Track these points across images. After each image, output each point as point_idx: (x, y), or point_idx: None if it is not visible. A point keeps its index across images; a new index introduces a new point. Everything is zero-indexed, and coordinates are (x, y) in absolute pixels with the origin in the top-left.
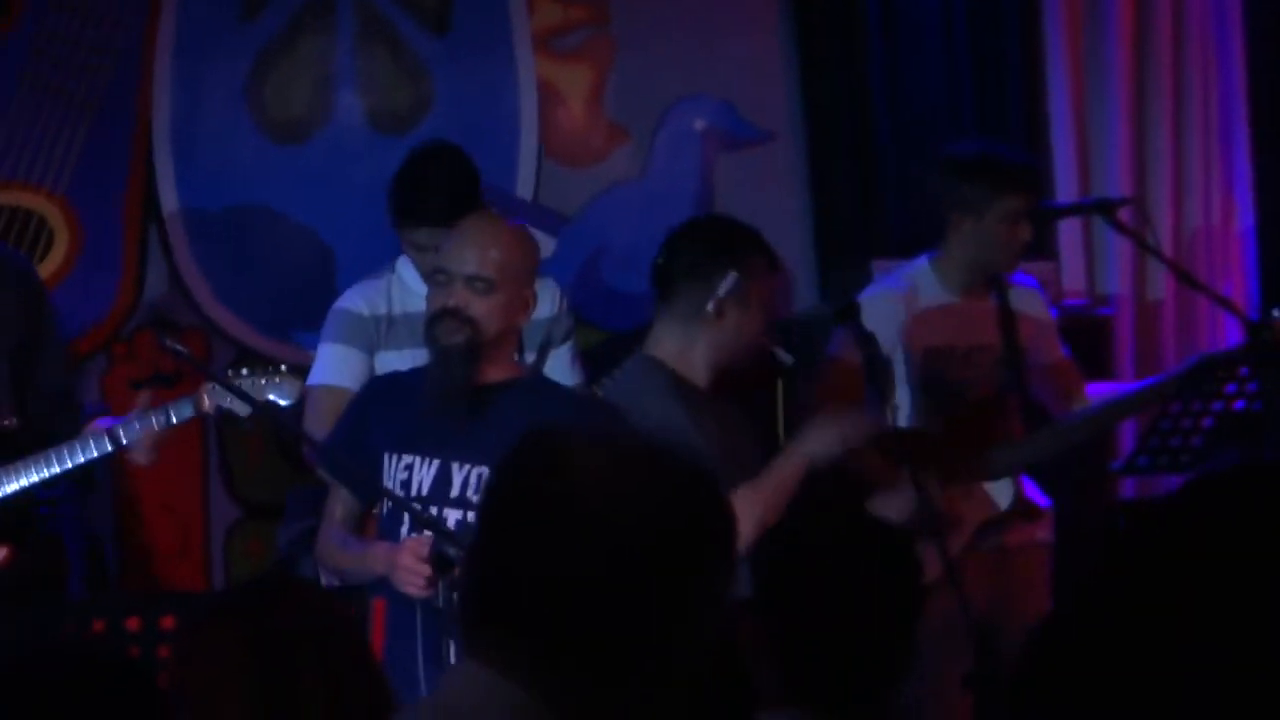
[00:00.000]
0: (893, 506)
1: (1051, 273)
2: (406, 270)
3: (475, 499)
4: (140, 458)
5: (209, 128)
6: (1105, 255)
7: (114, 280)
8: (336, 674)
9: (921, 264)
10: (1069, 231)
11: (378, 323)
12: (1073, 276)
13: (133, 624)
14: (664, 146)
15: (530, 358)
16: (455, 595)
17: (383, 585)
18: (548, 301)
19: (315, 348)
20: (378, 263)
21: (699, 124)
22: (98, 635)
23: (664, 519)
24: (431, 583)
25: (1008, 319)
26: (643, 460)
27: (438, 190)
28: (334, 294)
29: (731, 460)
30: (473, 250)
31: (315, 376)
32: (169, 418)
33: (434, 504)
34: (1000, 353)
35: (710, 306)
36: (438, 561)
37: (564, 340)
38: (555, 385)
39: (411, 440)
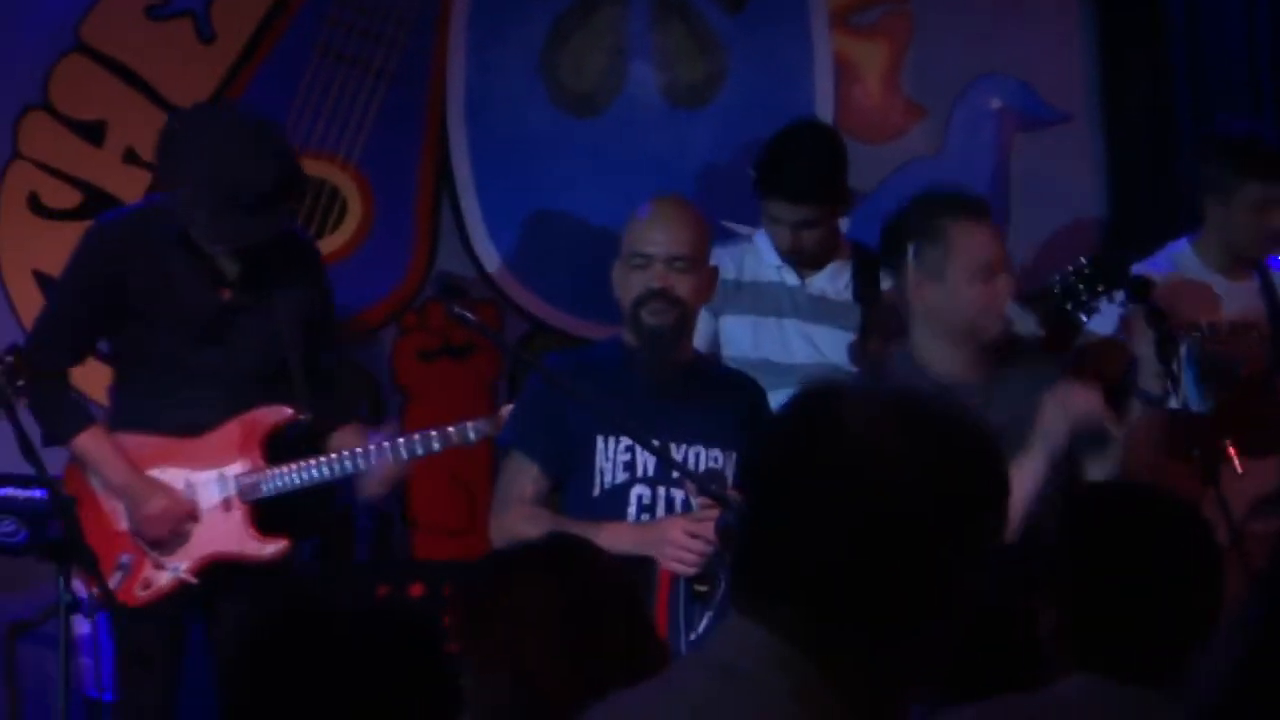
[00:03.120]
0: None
1: None
2: (762, 239)
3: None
4: (377, 486)
5: (503, 98)
6: None
7: (406, 250)
8: (632, 630)
9: (1182, 246)
10: None
11: (725, 286)
12: None
13: (416, 590)
14: (961, 124)
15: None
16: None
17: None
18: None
19: (609, 322)
20: None
21: (996, 102)
22: (380, 599)
23: (939, 479)
24: (702, 559)
25: (1272, 297)
26: (910, 422)
27: (800, 166)
28: None
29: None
30: (671, 231)
31: None
32: (467, 436)
33: (661, 485)
34: (1267, 330)
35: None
36: (725, 536)
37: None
38: (714, 360)
39: (627, 421)
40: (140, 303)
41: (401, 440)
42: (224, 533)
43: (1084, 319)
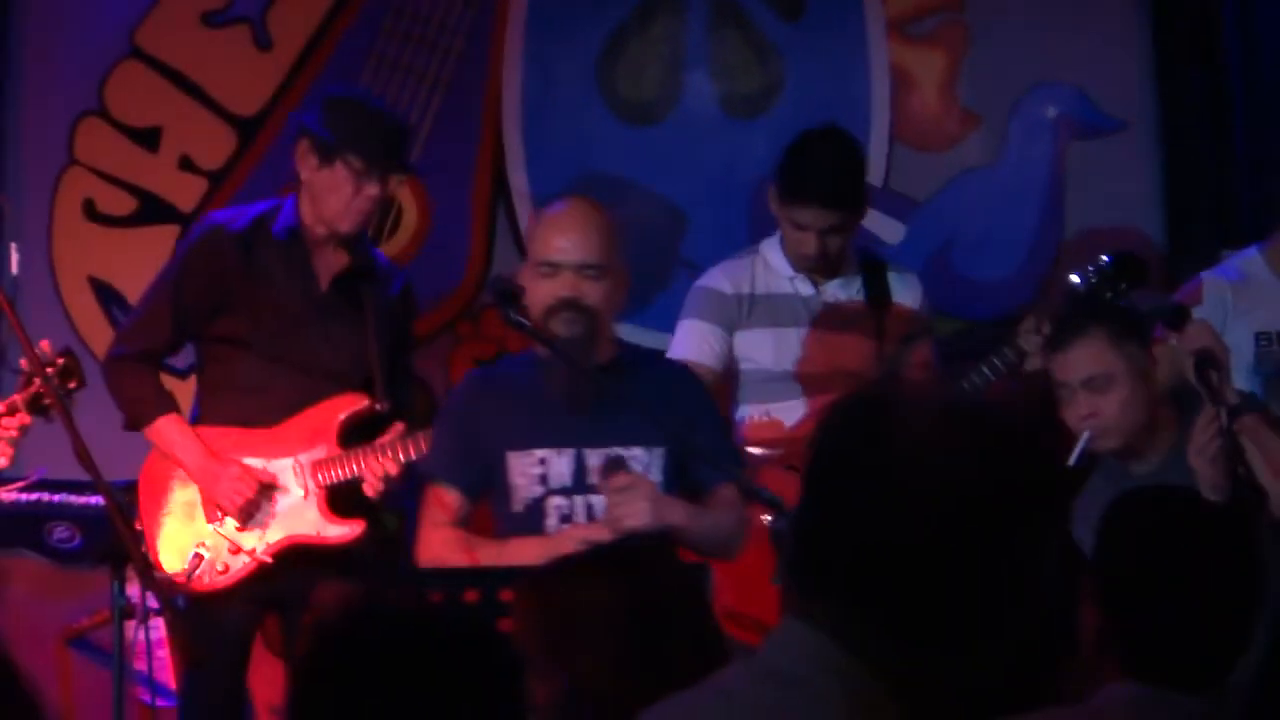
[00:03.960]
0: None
1: None
2: (771, 251)
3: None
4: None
5: (559, 107)
6: None
7: (462, 258)
8: (698, 629)
9: (1252, 252)
10: None
11: (739, 301)
12: None
13: (471, 596)
14: (1017, 133)
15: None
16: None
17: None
18: (909, 293)
19: (669, 330)
20: (729, 246)
21: (1052, 111)
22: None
23: (992, 480)
24: None
25: None
26: (964, 421)
27: (825, 172)
28: (684, 277)
29: None
30: (581, 237)
31: (675, 352)
32: None
33: (577, 493)
34: None
35: None
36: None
37: (924, 336)
38: (650, 353)
39: (537, 434)
40: (240, 300)
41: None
42: (300, 517)
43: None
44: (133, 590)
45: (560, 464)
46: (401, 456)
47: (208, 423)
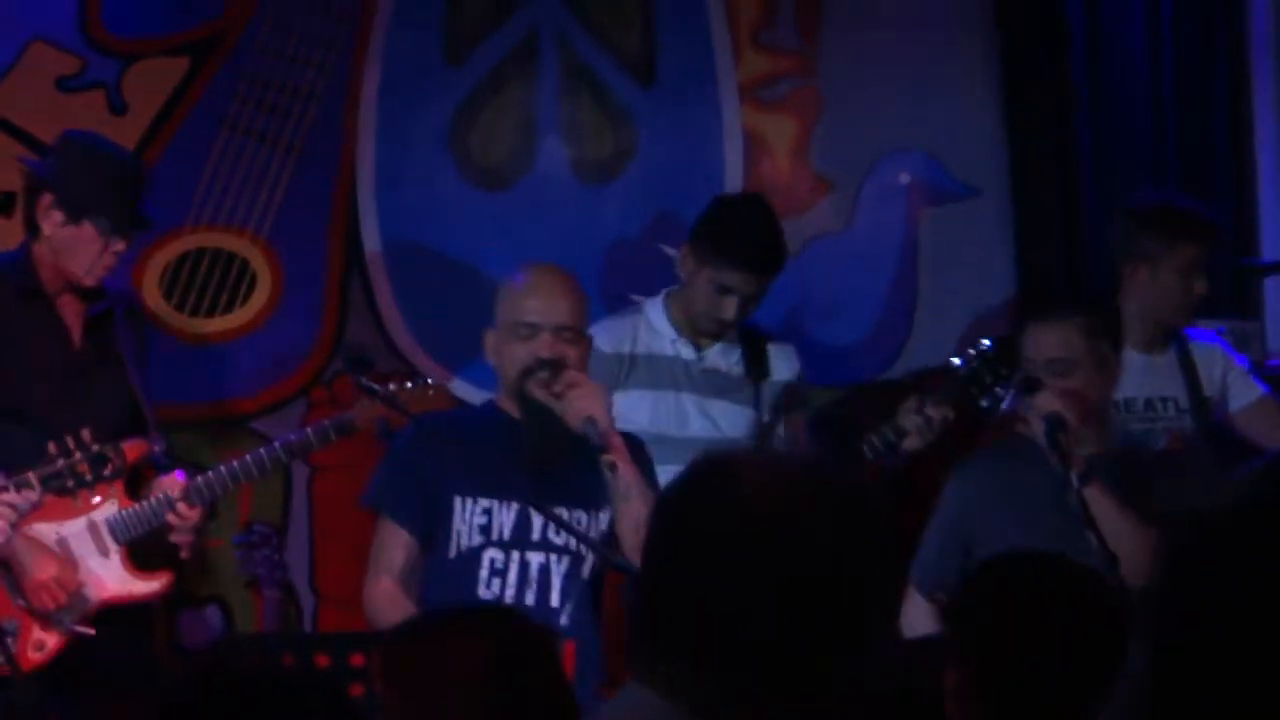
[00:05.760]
0: None
1: (1256, 332)
2: (654, 312)
3: (556, 541)
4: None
5: (412, 172)
6: None
7: (315, 324)
8: (553, 694)
9: None
10: (1274, 290)
11: (620, 361)
12: (1277, 337)
13: (322, 661)
14: (870, 199)
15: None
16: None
17: (573, 629)
18: (787, 365)
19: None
20: None
21: (905, 178)
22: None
23: (833, 547)
24: None
25: (1190, 368)
26: (808, 487)
27: (756, 238)
28: None
29: None
30: (556, 300)
31: None
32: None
33: (516, 548)
34: (1184, 403)
35: None
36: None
37: (802, 407)
38: None
39: (487, 485)
40: None
41: (277, 443)
42: (107, 578)
43: (984, 404)
44: None
45: (504, 516)
46: (198, 501)
47: None
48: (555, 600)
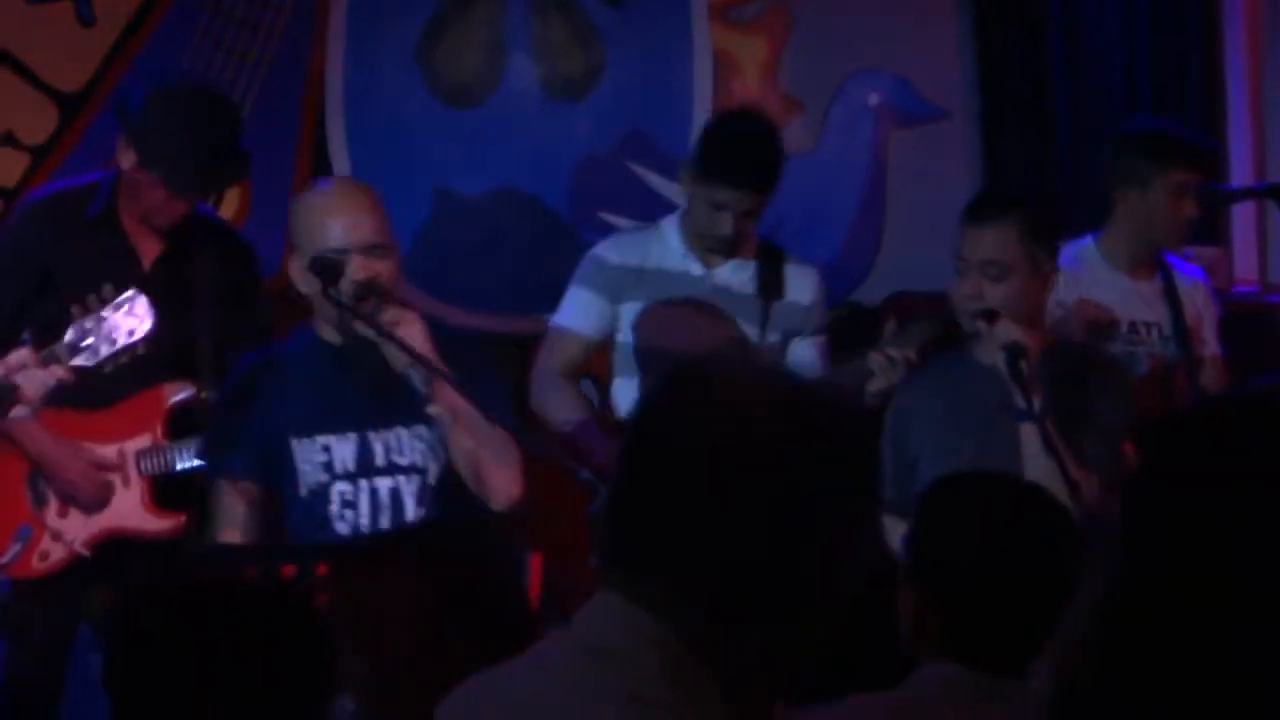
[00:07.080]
0: None
1: (1222, 259)
2: (669, 229)
3: (401, 462)
4: None
5: (381, 89)
6: (1278, 242)
7: (281, 241)
8: (511, 613)
9: (1087, 243)
10: (1242, 217)
11: (627, 273)
12: (1244, 263)
13: (287, 571)
14: (838, 120)
15: (772, 339)
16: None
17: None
18: (805, 287)
19: (483, 310)
20: (549, 227)
21: (874, 99)
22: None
23: (807, 459)
24: None
25: (1174, 297)
26: (784, 398)
27: (745, 153)
28: (504, 259)
29: None
30: (362, 219)
31: (558, 318)
32: None
33: (363, 477)
34: (1167, 330)
35: None
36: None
37: (816, 332)
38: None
39: (321, 421)
40: (60, 282)
41: None
42: (121, 507)
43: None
44: None
45: (343, 449)
46: None
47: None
48: (411, 519)
